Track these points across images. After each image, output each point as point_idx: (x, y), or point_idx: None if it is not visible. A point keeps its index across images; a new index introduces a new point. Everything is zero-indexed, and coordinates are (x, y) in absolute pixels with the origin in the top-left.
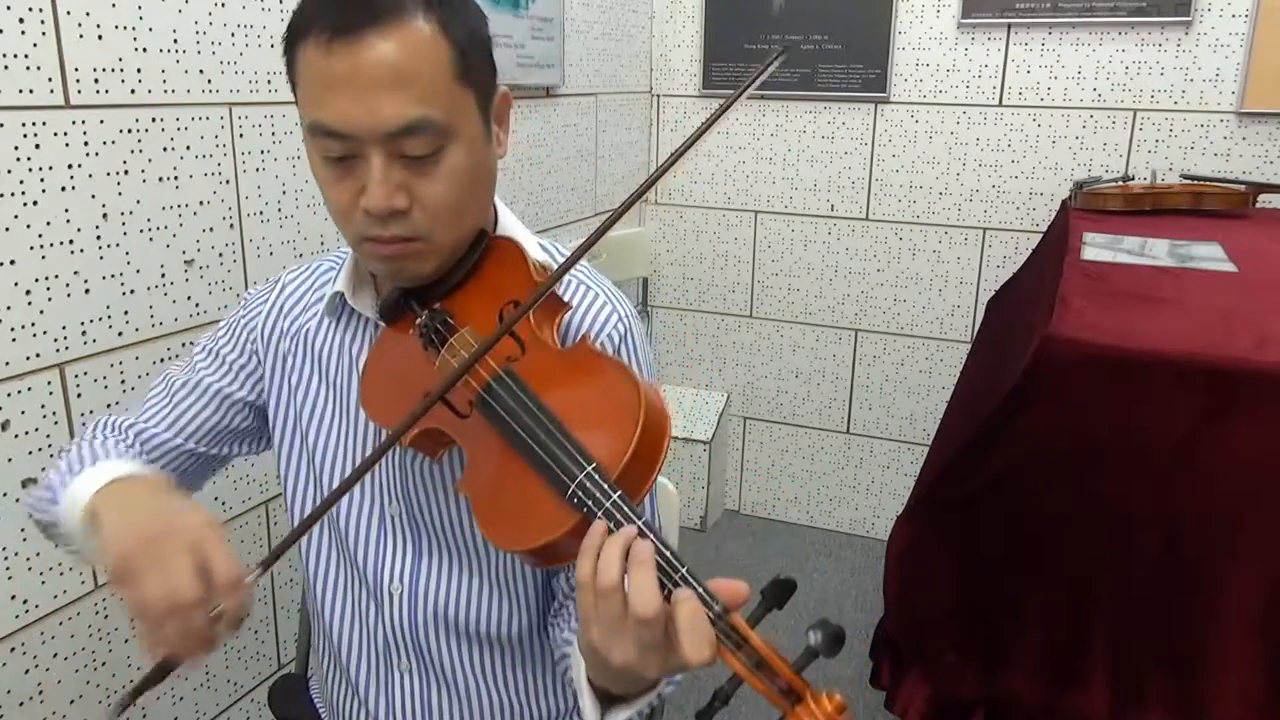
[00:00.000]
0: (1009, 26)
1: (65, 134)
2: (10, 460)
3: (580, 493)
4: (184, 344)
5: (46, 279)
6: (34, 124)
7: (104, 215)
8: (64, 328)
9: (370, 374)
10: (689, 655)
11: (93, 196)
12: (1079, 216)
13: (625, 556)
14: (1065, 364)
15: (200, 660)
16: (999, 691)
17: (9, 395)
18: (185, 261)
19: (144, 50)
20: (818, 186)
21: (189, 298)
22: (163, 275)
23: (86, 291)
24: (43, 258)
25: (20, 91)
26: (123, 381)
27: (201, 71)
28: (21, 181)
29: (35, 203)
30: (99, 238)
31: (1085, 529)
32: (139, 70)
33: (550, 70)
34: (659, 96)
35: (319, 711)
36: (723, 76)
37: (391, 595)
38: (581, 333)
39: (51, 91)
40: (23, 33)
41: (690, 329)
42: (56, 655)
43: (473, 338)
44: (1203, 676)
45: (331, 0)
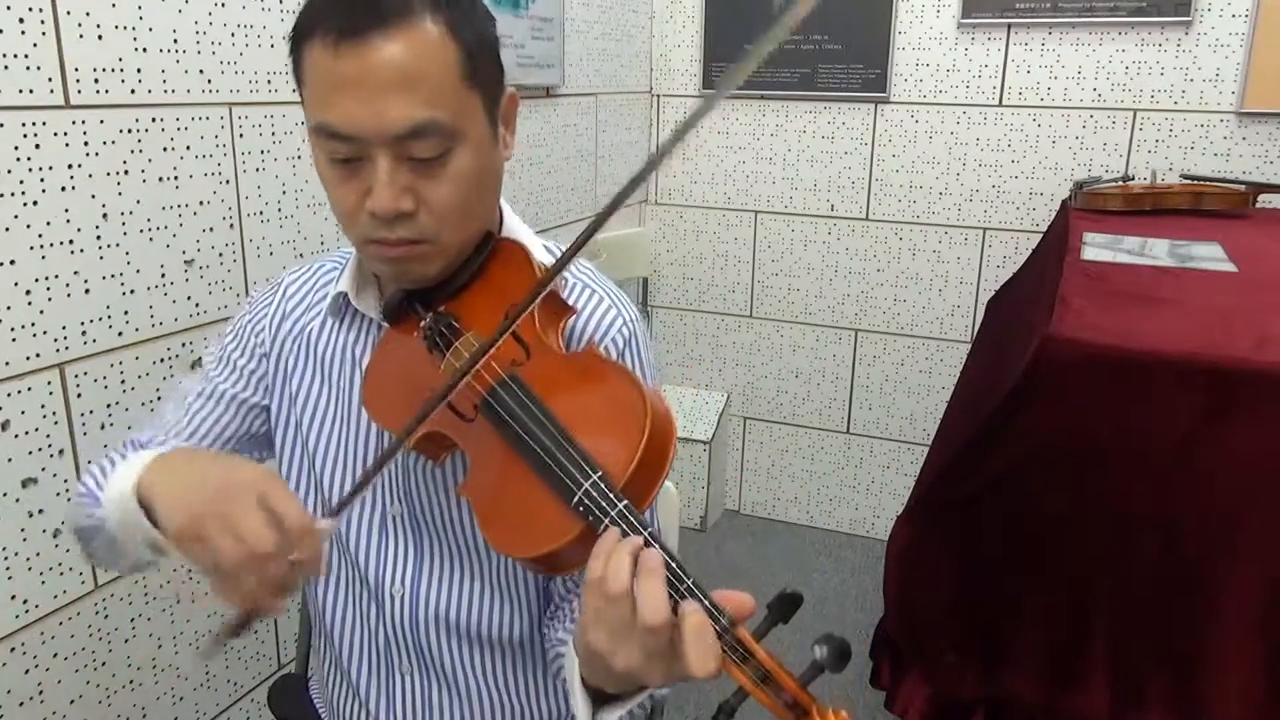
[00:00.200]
0: (1009, 26)
1: (65, 134)
2: (10, 460)
3: (586, 501)
4: (184, 344)
5: (46, 279)
6: (34, 124)
7: (104, 215)
8: (64, 328)
9: (373, 375)
10: (694, 668)
11: (93, 196)
12: (1079, 216)
13: (634, 563)
14: (1065, 364)
15: (281, 607)
16: (999, 691)
17: (9, 395)
18: (185, 261)
19: (144, 50)
20: (818, 186)
21: (189, 298)
22: (163, 275)
23: (86, 291)
24: (43, 258)
25: (20, 91)
26: (123, 381)
27: (201, 71)
28: (21, 181)
29: (35, 203)
30: (99, 238)
31: (1085, 529)
32: (139, 70)
33: (550, 70)
34: (659, 96)
35: (319, 712)
36: (723, 76)
37: (393, 597)
38: (586, 336)
39: (51, 91)
40: (23, 33)
41: (690, 329)
42: (56, 655)
43: (478, 341)
44: (1203, 676)
45: (338, 1)
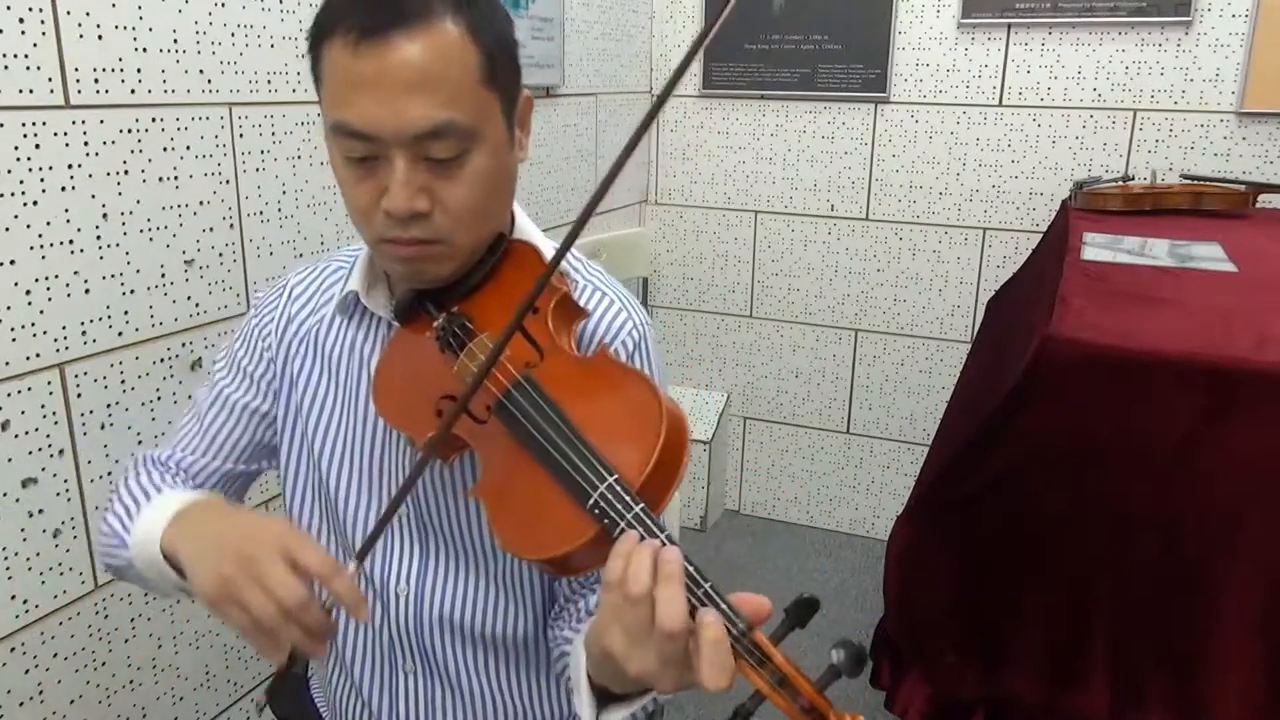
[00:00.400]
0: (1009, 26)
1: (65, 134)
2: (10, 460)
3: (602, 503)
4: (184, 344)
5: (46, 279)
6: (34, 124)
7: (104, 215)
8: (64, 328)
9: (383, 373)
10: (706, 681)
11: (93, 196)
12: (1079, 216)
13: (654, 566)
14: (1065, 364)
15: (324, 650)
16: (999, 691)
17: (9, 395)
18: (185, 261)
19: (144, 50)
20: (818, 186)
21: (189, 298)
22: (163, 275)
23: (86, 291)
24: (43, 258)
25: (20, 91)
26: (123, 381)
27: (201, 71)
28: (21, 181)
29: (35, 203)
30: (99, 238)
31: (1085, 529)
32: (139, 70)
33: (550, 70)
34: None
35: (320, 711)
36: (723, 76)
37: (397, 597)
38: (597, 338)
39: (51, 91)
40: (23, 33)
41: (690, 329)
42: (56, 655)
43: (492, 343)
44: (1203, 676)
45: (360, 0)
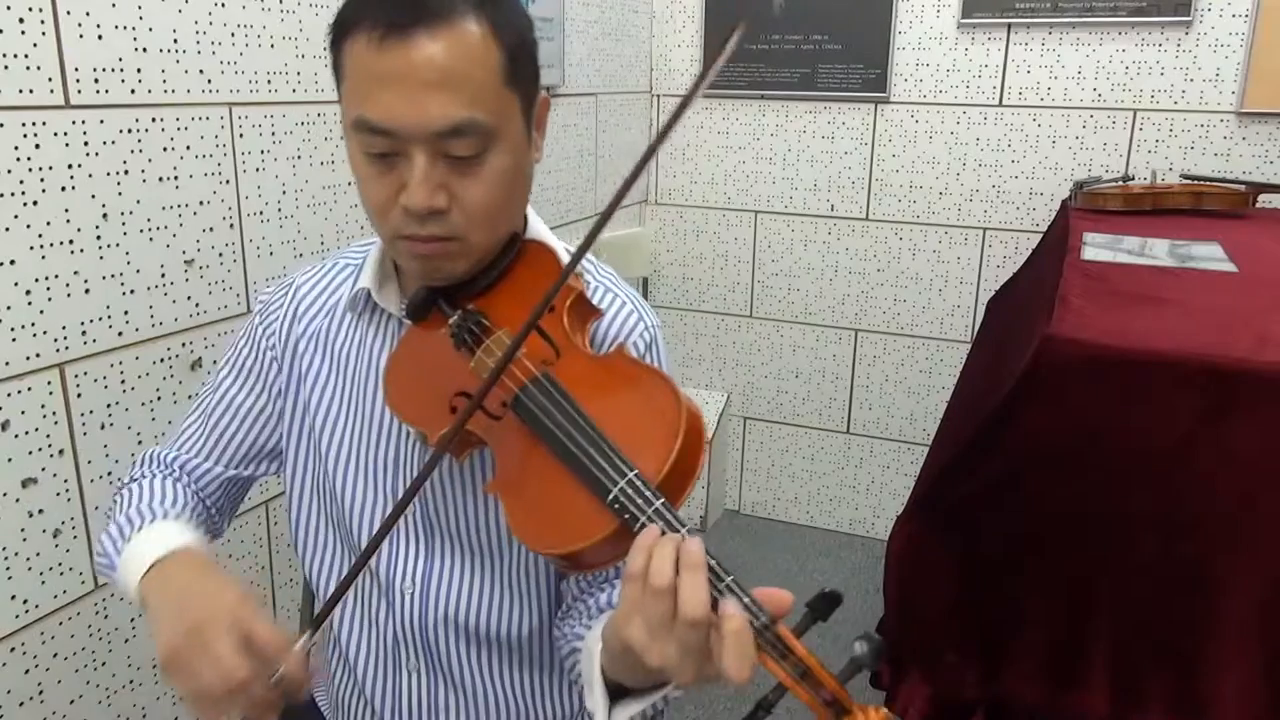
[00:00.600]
0: (1009, 26)
1: (65, 134)
2: (10, 460)
3: (622, 498)
4: (184, 344)
5: (46, 279)
6: (34, 124)
7: (104, 215)
8: (64, 328)
9: (395, 370)
10: (730, 671)
11: (93, 196)
12: (1079, 216)
13: (676, 559)
14: (1065, 364)
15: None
16: (999, 692)
17: (9, 395)
18: (185, 261)
19: (144, 50)
20: (818, 186)
21: (189, 298)
22: (163, 275)
23: (86, 291)
24: (43, 258)
25: (20, 91)
26: (123, 381)
27: (201, 71)
28: (21, 181)
29: (35, 203)
30: (99, 238)
31: (1085, 529)
32: (139, 70)
33: (550, 70)
34: (659, 96)
35: (321, 711)
36: (723, 76)
37: (403, 594)
38: (610, 339)
39: (51, 91)
40: (23, 33)
41: (690, 329)
42: (56, 655)
43: (510, 339)
44: (1203, 676)
45: None
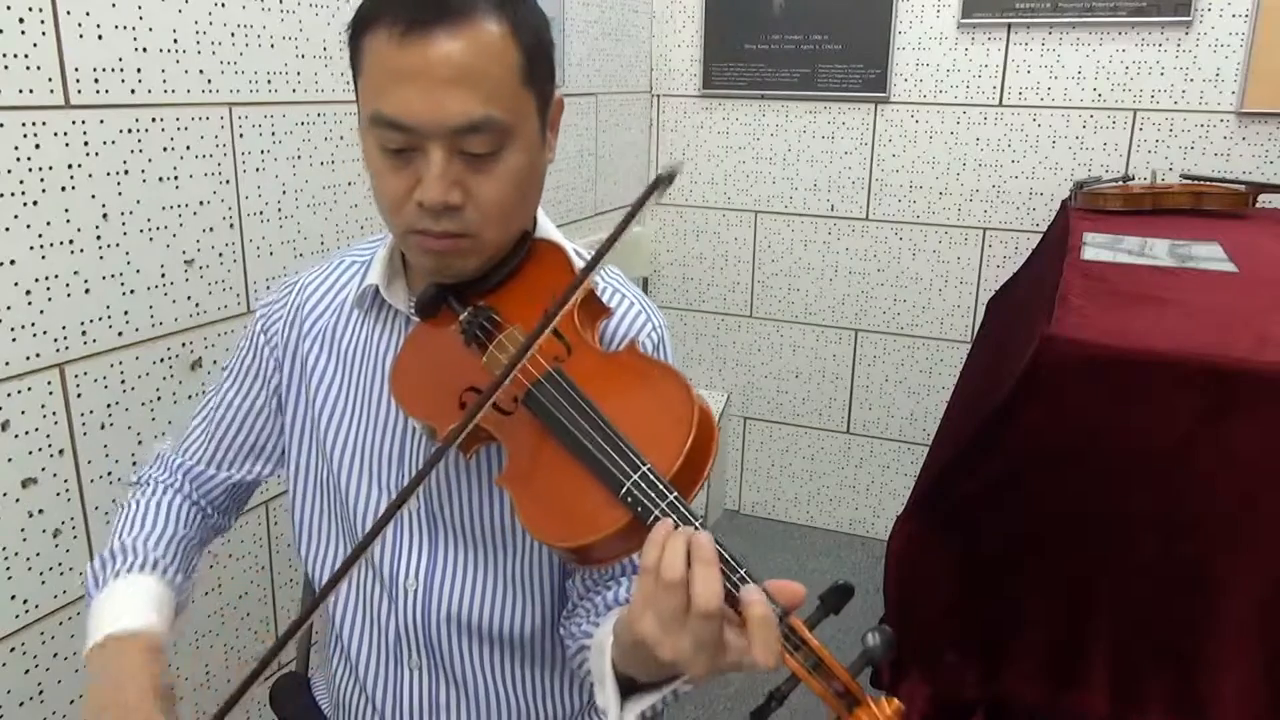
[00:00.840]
0: (1009, 26)
1: (65, 134)
2: (10, 460)
3: (635, 492)
4: (184, 344)
5: (46, 279)
6: (34, 124)
7: (104, 215)
8: (64, 328)
9: (403, 367)
10: (759, 657)
11: (93, 196)
12: (1079, 216)
13: (688, 553)
14: (1065, 364)
15: None
16: (999, 691)
17: (9, 395)
18: (185, 261)
19: (144, 50)
20: (818, 186)
21: (189, 298)
22: (163, 275)
23: (86, 291)
24: (43, 258)
25: (20, 91)
26: (123, 381)
27: (201, 71)
28: (21, 181)
29: (35, 203)
30: (99, 238)
31: (1085, 529)
32: (139, 70)
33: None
34: (659, 96)
35: (322, 710)
36: (723, 76)
37: (407, 591)
38: (618, 338)
39: (51, 91)
40: (23, 33)
41: (690, 329)
42: (56, 655)
43: (522, 335)
44: (1203, 676)
45: None
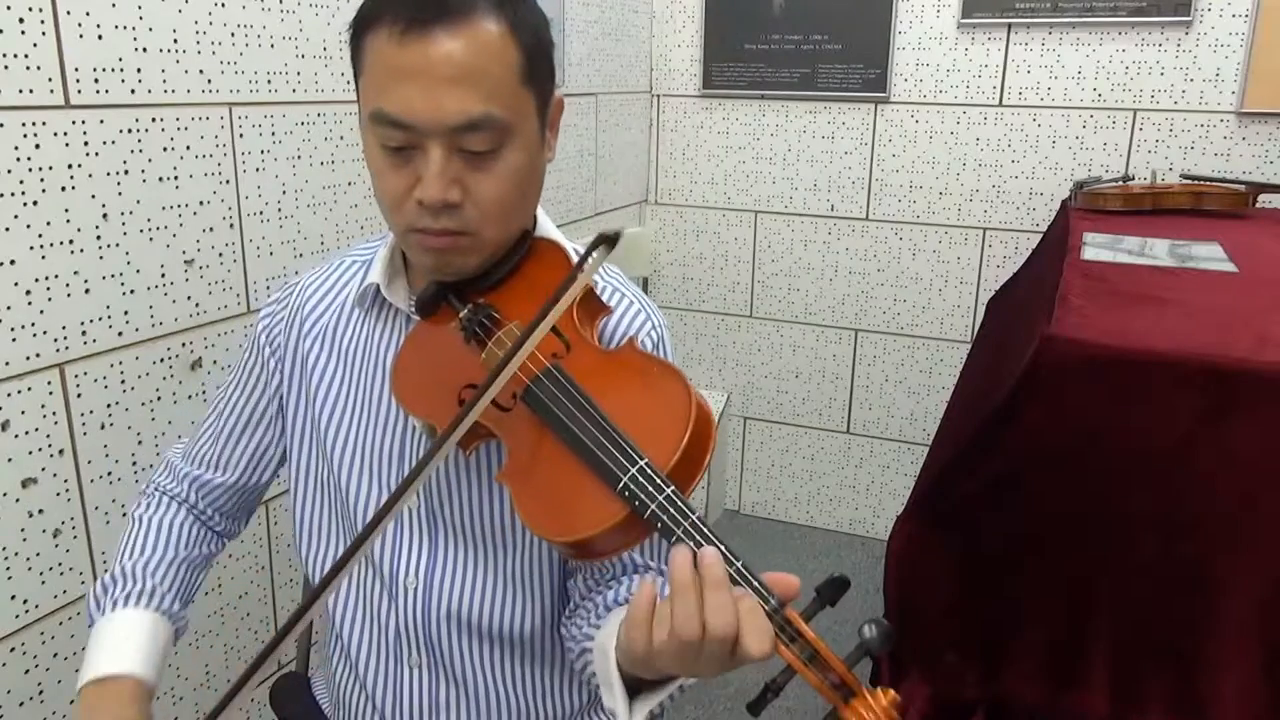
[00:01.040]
0: (1009, 26)
1: (65, 134)
2: (10, 460)
3: (633, 486)
4: (184, 344)
5: (46, 279)
6: (34, 124)
7: (104, 215)
8: (64, 328)
9: (404, 365)
10: (752, 650)
11: (93, 196)
12: (1079, 216)
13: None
14: (1065, 364)
15: None
16: (999, 691)
17: (9, 395)
18: (185, 261)
19: (144, 50)
20: (818, 186)
21: (189, 298)
22: (163, 275)
23: (86, 291)
24: (43, 258)
25: (20, 91)
26: (123, 381)
27: (201, 71)
28: (21, 181)
29: (35, 203)
30: (99, 238)
31: (1085, 529)
32: (139, 70)
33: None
34: (659, 96)
35: (322, 710)
36: (723, 76)
37: (407, 589)
38: (618, 336)
39: (51, 91)
40: (23, 33)
41: (690, 329)
42: (56, 655)
43: (521, 331)
44: (1203, 676)
45: None
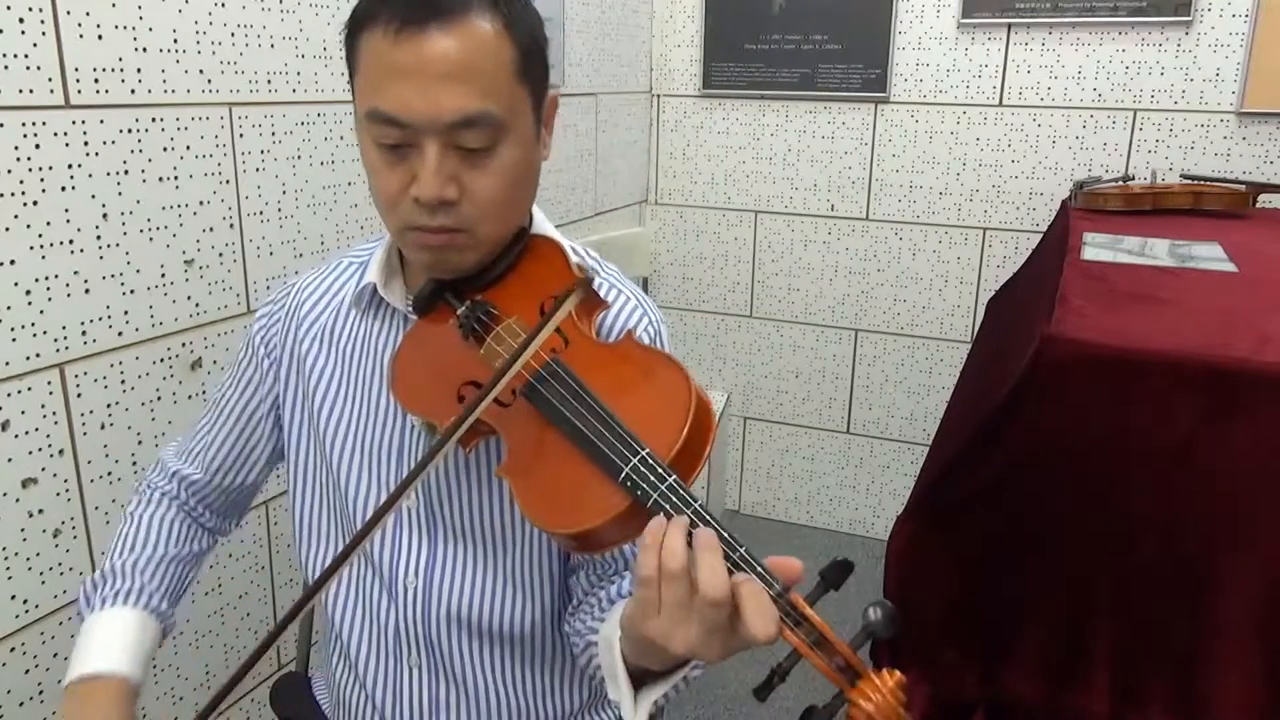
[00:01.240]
0: (1009, 26)
1: (65, 134)
2: (10, 460)
3: (635, 476)
4: (184, 344)
5: (46, 279)
6: (34, 124)
7: (104, 215)
8: (64, 328)
9: (402, 362)
10: (756, 633)
11: (93, 196)
12: (1079, 216)
13: (688, 542)
14: (1065, 364)
15: None
16: (999, 691)
17: (9, 395)
18: (185, 261)
19: (144, 50)
20: (818, 186)
21: (189, 298)
22: (163, 275)
23: (86, 291)
24: (43, 258)
25: (20, 91)
26: (123, 381)
27: (201, 71)
28: (21, 181)
29: (35, 203)
30: (99, 238)
31: (1085, 529)
32: (139, 70)
33: (550, 70)
34: (659, 96)
35: (323, 710)
36: (723, 76)
37: (406, 589)
38: (615, 332)
39: (51, 91)
40: (23, 33)
41: (690, 329)
42: (56, 655)
43: (520, 327)
44: (1203, 676)
45: None
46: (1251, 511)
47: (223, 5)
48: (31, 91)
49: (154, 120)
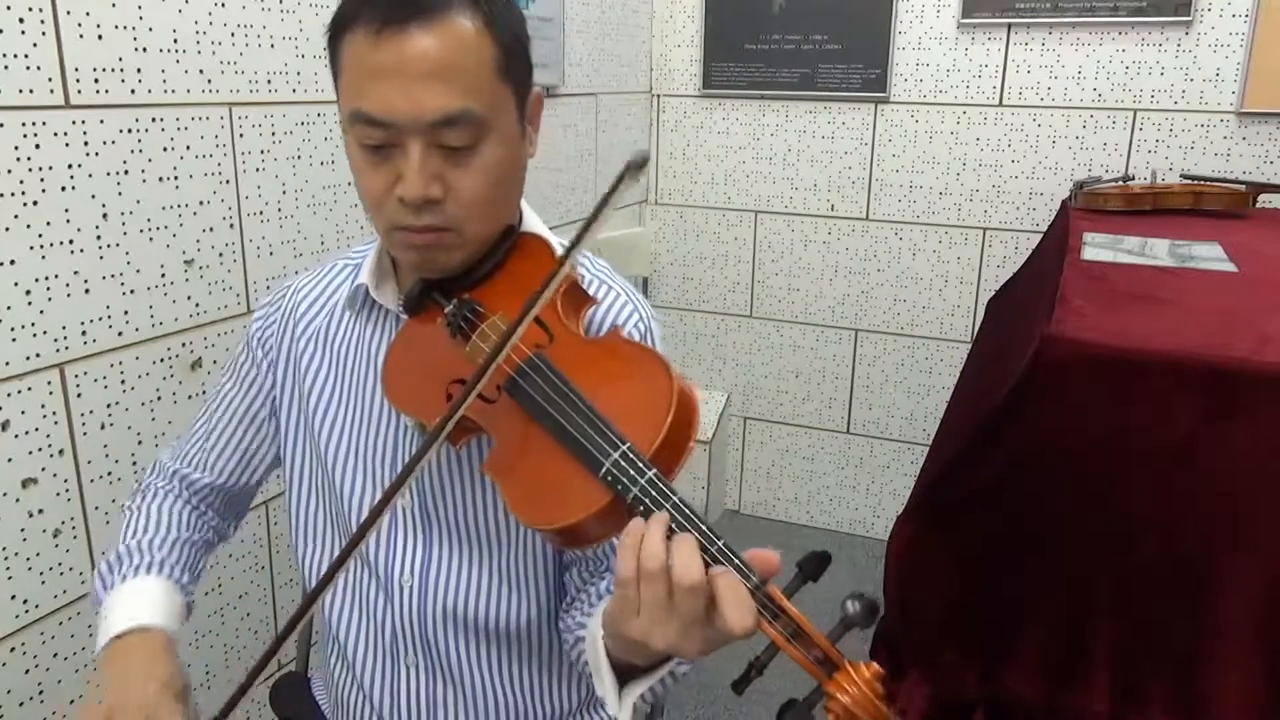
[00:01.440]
0: (1009, 26)
1: (65, 134)
2: (10, 460)
3: (615, 470)
4: (184, 344)
5: (46, 279)
6: (34, 124)
7: (104, 215)
8: (64, 328)
9: (393, 363)
10: (733, 625)
11: (93, 196)
12: (1079, 216)
13: (667, 539)
14: (1065, 364)
15: None
16: (999, 691)
17: (9, 395)
18: (185, 261)
19: (144, 50)
20: (818, 186)
21: (189, 298)
22: (163, 275)
23: (86, 291)
24: (43, 258)
25: (20, 91)
26: (123, 381)
27: (201, 71)
28: (21, 181)
29: (35, 203)
30: (99, 238)
31: (1085, 529)
32: (139, 70)
33: (550, 70)
34: (659, 96)
35: (322, 710)
36: (723, 76)
37: (402, 588)
38: (603, 328)
39: (51, 91)
40: (23, 33)
41: (690, 329)
42: (56, 655)
43: (504, 323)
44: (1203, 676)
45: None
46: (1251, 512)
47: (223, 5)
48: (31, 91)
49: (154, 120)
